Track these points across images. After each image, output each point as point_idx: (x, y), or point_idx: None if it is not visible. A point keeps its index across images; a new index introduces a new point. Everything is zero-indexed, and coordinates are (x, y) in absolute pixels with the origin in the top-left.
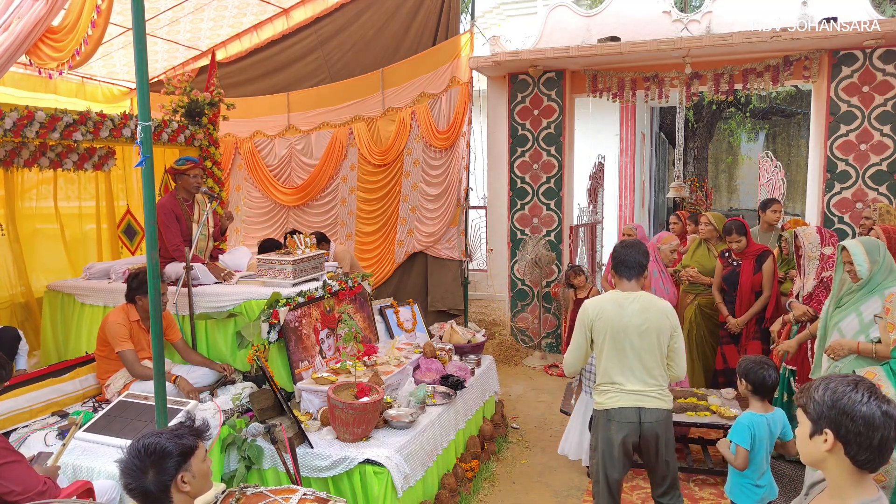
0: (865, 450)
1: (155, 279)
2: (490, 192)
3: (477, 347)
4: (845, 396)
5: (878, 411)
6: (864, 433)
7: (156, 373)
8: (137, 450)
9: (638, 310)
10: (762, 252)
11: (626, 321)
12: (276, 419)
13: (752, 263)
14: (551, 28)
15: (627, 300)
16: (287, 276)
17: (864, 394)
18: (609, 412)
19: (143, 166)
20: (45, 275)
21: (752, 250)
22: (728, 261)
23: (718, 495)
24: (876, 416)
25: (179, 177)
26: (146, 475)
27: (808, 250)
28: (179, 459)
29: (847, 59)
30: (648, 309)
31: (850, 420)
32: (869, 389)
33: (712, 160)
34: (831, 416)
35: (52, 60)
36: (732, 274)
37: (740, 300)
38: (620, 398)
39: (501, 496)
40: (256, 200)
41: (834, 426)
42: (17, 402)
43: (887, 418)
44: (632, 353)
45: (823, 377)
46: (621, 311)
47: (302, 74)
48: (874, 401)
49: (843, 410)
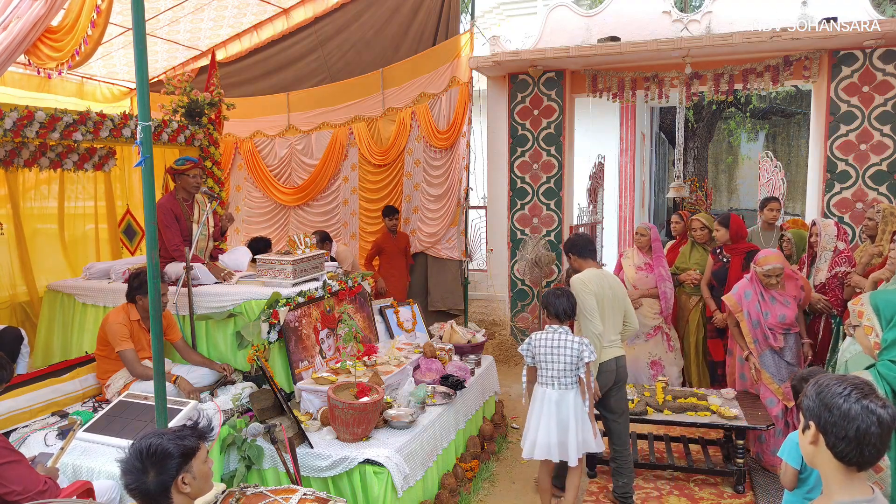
0: (842, 440)
1: (155, 279)
2: (490, 192)
3: (477, 347)
4: (829, 391)
5: (857, 406)
6: (839, 423)
7: (156, 373)
8: (139, 450)
9: (610, 283)
10: (751, 250)
11: (608, 291)
12: (276, 419)
13: (741, 260)
14: (551, 28)
15: (602, 276)
16: (287, 276)
17: (848, 389)
18: (607, 363)
19: (142, 166)
20: (45, 275)
21: (741, 248)
22: (719, 257)
23: (718, 495)
24: (853, 409)
25: (179, 177)
26: (147, 475)
27: (825, 241)
28: (180, 461)
29: (847, 59)
30: (613, 282)
31: (828, 411)
32: (859, 388)
33: (712, 160)
34: (814, 410)
35: (52, 60)
36: (722, 270)
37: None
38: (612, 351)
39: (501, 496)
40: (257, 200)
41: (815, 418)
42: (17, 402)
43: (867, 413)
44: (611, 315)
45: (819, 376)
46: (603, 283)
47: (302, 74)
48: (857, 396)
49: (824, 402)
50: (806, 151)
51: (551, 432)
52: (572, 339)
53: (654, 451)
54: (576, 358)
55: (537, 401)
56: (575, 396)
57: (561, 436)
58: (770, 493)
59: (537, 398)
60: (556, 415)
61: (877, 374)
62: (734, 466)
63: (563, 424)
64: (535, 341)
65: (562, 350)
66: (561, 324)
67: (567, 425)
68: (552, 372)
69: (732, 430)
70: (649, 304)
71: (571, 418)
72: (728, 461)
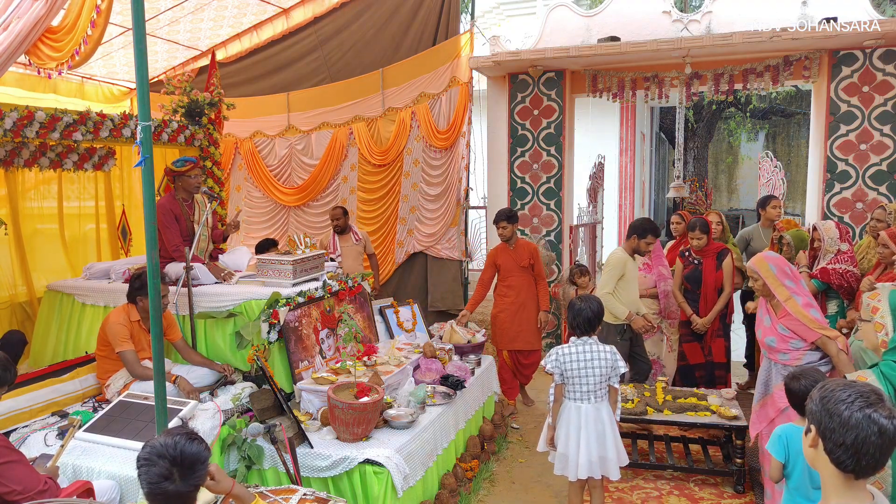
0: (839, 447)
1: (155, 279)
2: (490, 192)
3: (477, 347)
4: (833, 396)
5: (860, 413)
6: (837, 430)
7: (156, 373)
8: (172, 458)
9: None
10: (722, 250)
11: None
12: (276, 419)
13: (714, 261)
14: (551, 28)
15: (627, 257)
16: (287, 276)
17: (853, 396)
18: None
19: (142, 166)
20: (45, 275)
21: (711, 248)
22: (689, 259)
23: (718, 495)
24: (854, 417)
25: (179, 178)
26: (179, 481)
27: (828, 245)
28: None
29: (847, 59)
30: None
31: (829, 417)
32: (864, 396)
33: (712, 160)
34: (816, 414)
35: (52, 60)
36: (695, 272)
37: (705, 297)
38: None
39: (501, 496)
40: (257, 200)
41: (817, 422)
42: (17, 402)
43: (869, 422)
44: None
45: (826, 380)
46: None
47: (302, 74)
48: (861, 404)
49: (827, 408)
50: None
51: (592, 449)
52: (604, 349)
53: (654, 451)
54: (609, 369)
55: (571, 419)
56: (608, 408)
57: (601, 451)
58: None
59: (570, 416)
60: (594, 430)
61: (880, 373)
62: (734, 466)
63: (601, 438)
64: (564, 356)
65: (595, 363)
66: (590, 335)
67: (604, 439)
68: (587, 386)
69: (732, 430)
70: (649, 304)
71: (608, 431)
72: (728, 461)
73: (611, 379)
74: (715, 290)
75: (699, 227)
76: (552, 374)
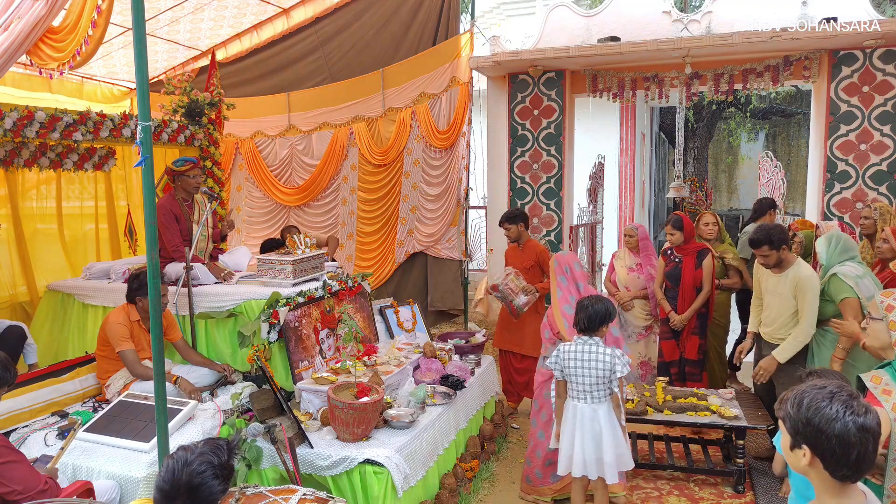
0: (843, 466)
1: (155, 279)
2: (490, 192)
3: (477, 347)
4: (819, 413)
5: (852, 427)
6: (839, 452)
7: (156, 373)
8: (180, 483)
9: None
10: (702, 249)
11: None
12: (276, 419)
13: (693, 260)
14: (551, 28)
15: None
16: (287, 276)
17: (838, 409)
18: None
19: (142, 166)
20: (45, 275)
21: (692, 247)
22: (671, 258)
23: (718, 495)
24: (850, 433)
25: (179, 178)
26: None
27: None
28: (224, 488)
29: (847, 59)
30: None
31: (825, 438)
32: (844, 403)
33: (712, 160)
34: (807, 434)
35: (53, 60)
36: (675, 270)
37: (682, 295)
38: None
39: (501, 496)
40: (257, 200)
41: (810, 443)
42: (17, 402)
43: (863, 433)
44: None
45: (799, 388)
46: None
47: (302, 74)
48: (849, 415)
49: (818, 428)
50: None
51: (587, 449)
52: (604, 352)
53: (654, 451)
54: (608, 372)
55: (569, 416)
56: (608, 410)
57: (597, 452)
58: (770, 493)
59: (569, 413)
60: (590, 430)
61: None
62: (734, 466)
63: (598, 440)
64: (564, 353)
65: (592, 363)
66: (593, 335)
67: (601, 440)
68: (583, 385)
69: (732, 430)
70: (641, 304)
71: (605, 433)
72: (728, 461)
73: (612, 383)
74: (693, 289)
75: (672, 223)
76: (552, 369)
